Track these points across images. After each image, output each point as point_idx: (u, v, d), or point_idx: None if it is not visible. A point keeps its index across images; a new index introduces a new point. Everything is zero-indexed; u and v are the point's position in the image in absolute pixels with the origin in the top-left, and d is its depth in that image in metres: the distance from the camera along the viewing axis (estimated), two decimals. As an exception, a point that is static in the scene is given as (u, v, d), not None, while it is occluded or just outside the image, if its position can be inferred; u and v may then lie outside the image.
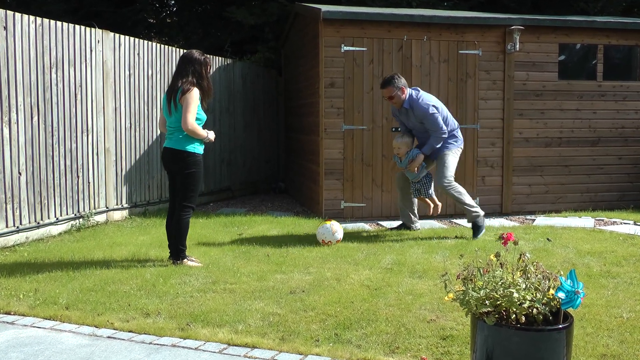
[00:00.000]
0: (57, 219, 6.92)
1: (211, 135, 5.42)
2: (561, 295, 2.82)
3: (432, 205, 6.87)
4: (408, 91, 6.60)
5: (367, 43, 8.09)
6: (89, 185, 7.44)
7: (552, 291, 2.93)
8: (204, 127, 5.37)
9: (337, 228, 6.38)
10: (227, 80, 10.38)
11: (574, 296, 2.81)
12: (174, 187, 5.49)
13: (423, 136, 6.73)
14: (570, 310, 2.92)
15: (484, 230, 6.78)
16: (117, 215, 7.93)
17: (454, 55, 8.30)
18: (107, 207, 7.78)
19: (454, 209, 8.34)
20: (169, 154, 5.39)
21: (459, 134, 6.81)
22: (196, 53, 5.40)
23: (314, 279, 4.99)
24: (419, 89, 6.71)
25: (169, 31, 15.42)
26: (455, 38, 8.30)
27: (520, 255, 3.19)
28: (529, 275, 3.03)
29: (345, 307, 4.26)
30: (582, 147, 8.77)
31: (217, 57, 10.16)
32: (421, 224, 7.67)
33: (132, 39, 8.21)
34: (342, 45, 8.02)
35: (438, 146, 6.61)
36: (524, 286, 2.96)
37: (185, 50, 9.22)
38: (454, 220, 8.00)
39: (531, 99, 8.58)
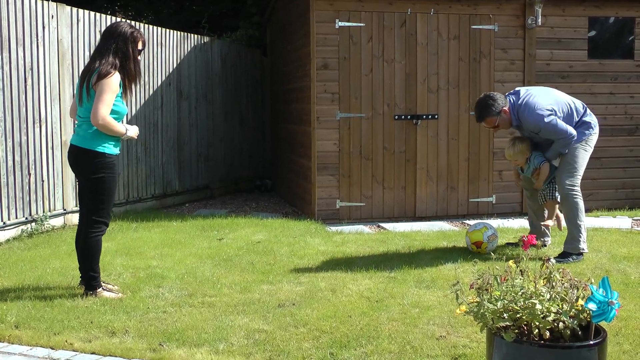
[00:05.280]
0: (4, 223, 6.88)
1: (132, 131, 4.96)
2: (592, 306, 2.82)
3: (556, 213, 6.17)
4: (509, 103, 5.95)
5: (366, 18, 8.08)
6: (42, 184, 7.41)
7: (581, 302, 2.93)
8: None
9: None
10: (204, 62, 10.36)
11: (607, 307, 2.81)
12: (82, 195, 5.05)
13: (546, 142, 6.13)
14: (603, 323, 2.92)
15: (572, 261, 5.89)
16: (77, 218, 7.88)
17: (465, 31, 8.30)
18: (64, 210, 7.76)
19: (466, 209, 8.35)
20: (73, 153, 4.97)
21: (589, 117, 6.05)
22: (123, 26, 4.95)
23: (305, 290, 4.98)
24: (520, 89, 6.07)
25: (135, 4, 15.36)
26: (467, 11, 8.30)
27: (544, 260, 3.19)
28: (554, 283, 3.04)
29: (341, 322, 4.26)
30: (617, 137, 8.77)
31: (192, 35, 10.13)
32: (429, 226, 7.68)
33: (92, 13, 8.18)
34: (337, 21, 8.01)
35: (565, 151, 5.96)
36: (548, 296, 2.96)
37: (157, 27, 9.27)
38: (467, 222, 8.01)
39: (556, 81, 8.57)
